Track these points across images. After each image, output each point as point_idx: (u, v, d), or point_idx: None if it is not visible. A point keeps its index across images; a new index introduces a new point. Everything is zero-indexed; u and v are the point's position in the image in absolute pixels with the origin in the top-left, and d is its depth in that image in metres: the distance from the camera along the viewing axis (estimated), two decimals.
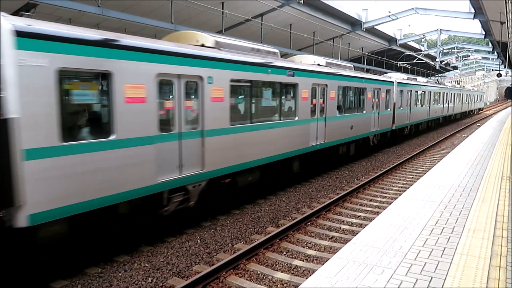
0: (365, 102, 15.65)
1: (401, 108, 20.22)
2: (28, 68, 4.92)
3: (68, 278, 5.98)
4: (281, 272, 6.29)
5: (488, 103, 77.76)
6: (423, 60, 37.69)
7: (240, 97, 9.12)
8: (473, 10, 22.99)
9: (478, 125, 31.13)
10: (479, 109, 55.65)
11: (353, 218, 8.98)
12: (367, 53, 35.19)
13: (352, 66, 16.41)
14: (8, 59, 4.77)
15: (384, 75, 21.96)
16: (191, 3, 15.10)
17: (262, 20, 20.35)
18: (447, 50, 47.32)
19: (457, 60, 55.72)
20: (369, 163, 15.76)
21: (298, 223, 8.16)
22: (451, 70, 63.68)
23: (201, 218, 8.60)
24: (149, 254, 6.87)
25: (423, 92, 24.43)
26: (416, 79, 25.82)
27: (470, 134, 20.91)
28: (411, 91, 21.71)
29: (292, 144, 10.72)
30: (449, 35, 51.56)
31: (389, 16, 26.09)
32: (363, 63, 36.07)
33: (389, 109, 18.63)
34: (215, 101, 7.90)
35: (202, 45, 8.34)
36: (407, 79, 21.98)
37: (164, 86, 6.91)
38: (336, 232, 8.13)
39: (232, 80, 8.38)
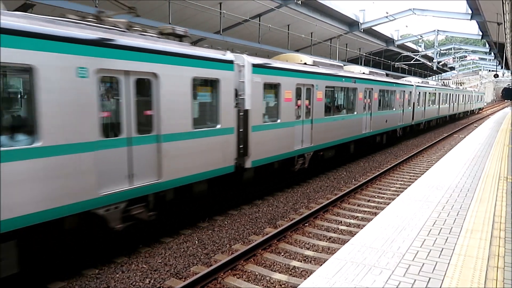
0: (395, 101, 19.61)
1: (419, 107, 23.92)
2: (254, 83, 9.16)
3: (65, 279, 5.95)
4: (279, 273, 6.28)
5: (485, 104, 78.27)
6: (420, 60, 37.78)
7: (328, 97, 13.11)
8: (470, 11, 23.08)
9: (475, 126, 31.24)
10: (480, 109, 59.29)
11: (351, 219, 8.99)
12: (364, 54, 35.25)
13: (385, 73, 20.26)
14: (247, 79, 8.97)
15: (403, 79, 25.59)
16: (188, 3, 15.10)
17: (260, 21, 20.36)
18: (444, 51, 47.48)
19: (454, 60, 55.92)
20: (366, 163, 15.78)
21: (296, 223, 8.16)
22: (448, 71, 63.88)
23: (198, 218, 8.59)
24: (147, 255, 6.85)
25: (434, 94, 28.03)
26: (428, 82, 28.67)
27: (468, 134, 20.99)
28: (425, 92, 25.39)
29: (352, 131, 14.93)
30: (446, 36, 51.72)
31: (386, 17, 26.16)
32: (361, 64, 36.10)
33: (409, 108, 22.28)
34: (318, 100, 12.16)
35: (305, 63, 12.23)
36: (422, 82, 25.63)
37: (297, 91, 11.01)
38: (334, 232, 8.13)
39: (326, 87, 12.59)
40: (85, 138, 5.53)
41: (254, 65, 9.12)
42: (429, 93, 26.35)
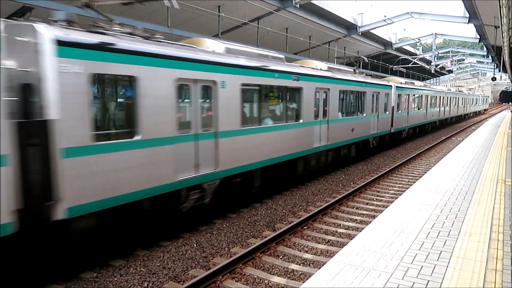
0: (436, 103, 30.03)
1: (447, 107, 34.55)
2: (395, 94, 19.91)
3: (63, 283, 5.93)
4: (278, 276, 6.27)
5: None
6: (418, 64, 37.88)
7: (414, 100, 23.69)
8: (467, 15, 23.14)
9: (473, 129, 31.32)
10: (485, 110, 69.94)
11: (349, 222, 8.99)
12: (363, 57, 35.26)
13: (430, 84, 31.30)
14: (393, 92, 19.66)
15: (437, 87, 36.31)
16: (187, 6, 15.11)
17: (258, 24, 20.40)
18: (442, 54, 47.61)
19: (452, 64, 56.05)
20: (365, 166, 15.79)
21: (294, 226, 8.14)
22: (446, 74, 64.03)
23: (197, 222, 8.57)
24: (145, 258, 6.83)
25: (454, 98, 38.05)
26: (450, 89, 39.26)
27: (466, 137, 21.03)
28: (450, 97, 35.66)
29: (420, 120, 25.42)
30: (444, 39, 51.76)
31: (384, 20, 26.26)
32: (359, 67, 36.12)
33: (442, 107, 32.62)
34: (411, 102, 22.84)
35: (400, 82, 21.53)
36: (447, 90, 36.42)
37: (404, 97, 21.57)
38: (333, 235, 8.12)
39: (413, 95, 23.03)
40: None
41: (396, 86, 19.39)
42: (451, 97, 36.37)
